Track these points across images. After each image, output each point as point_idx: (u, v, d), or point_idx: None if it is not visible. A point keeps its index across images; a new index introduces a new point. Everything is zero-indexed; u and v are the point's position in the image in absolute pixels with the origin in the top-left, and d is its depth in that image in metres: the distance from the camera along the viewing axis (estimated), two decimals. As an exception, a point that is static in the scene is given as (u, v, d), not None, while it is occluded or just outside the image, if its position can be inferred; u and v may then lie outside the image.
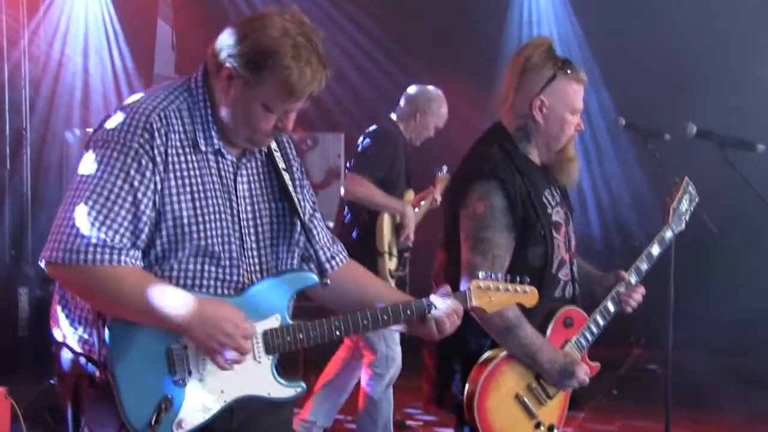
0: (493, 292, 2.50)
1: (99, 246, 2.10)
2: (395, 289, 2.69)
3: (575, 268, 3.05)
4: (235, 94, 2.21)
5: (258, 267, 2.33)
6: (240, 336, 2.18)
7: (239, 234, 2.29)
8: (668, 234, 3.19)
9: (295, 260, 2.44)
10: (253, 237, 2.33)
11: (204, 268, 2.24)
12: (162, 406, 2.13)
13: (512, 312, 2.78)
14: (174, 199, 2.20)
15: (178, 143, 2.22)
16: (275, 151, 2.41)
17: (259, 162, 2.39)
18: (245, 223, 2.31)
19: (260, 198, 2.37)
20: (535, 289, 2.60)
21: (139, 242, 2.16)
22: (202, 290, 2.24)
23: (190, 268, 2.23)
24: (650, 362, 7.30)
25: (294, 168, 2.47)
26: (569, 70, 2.93)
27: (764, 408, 6.18)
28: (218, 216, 2.26)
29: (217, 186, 2.27)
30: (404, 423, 5.60)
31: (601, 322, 3.02)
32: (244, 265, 2.29)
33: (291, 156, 2.49)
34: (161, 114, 2.20)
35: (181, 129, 2.23)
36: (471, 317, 2.81)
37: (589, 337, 2.99)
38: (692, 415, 5.50)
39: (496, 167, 2.87)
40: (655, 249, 3.14)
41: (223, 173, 2.29)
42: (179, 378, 2.17)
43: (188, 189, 2.22)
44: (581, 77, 2.96)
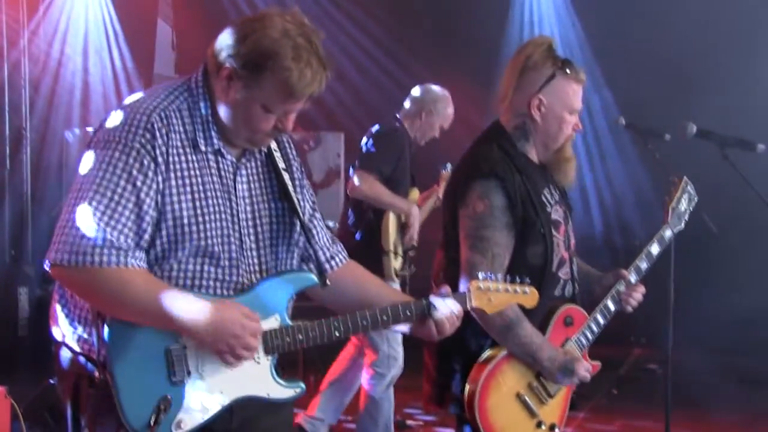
0: (493, 293, 2.50)
1: (105, 247, 2.09)
2: (395, 290, 2.69)
3: (575, 267, 3.05)
4: (235, 95, 2.21)
5: (257, 267, 2.33)
6: (248, 335, 2.18)
7: (238, 234, 2.29)
8: (667, 233, 3.19)
9: (295, 260, 2.44)
10: (253, 237, 2.33)
11: (203, 269, 2.24)
12: (161, 407, 2.13)
13: (512, 310, 2.78)
14: (174, 199, 2.19)
15: (179, 143, 2.22)
16: (275, 151, 2.41)
17: (259, 162, 2.39)
18: (244, 224, 2.31)
19: (260, 198, 2.37)
20: (535, 290, 2.59)
21: (143, 242, 2.16)
22: (202, 290, 2.23)
23: (190, 269, 2.22)
24: (650, 362, 7.29)
25: (294, 168, 2.47)
26: (568, 70, 2.93)
27: (764, 408, 6.18)
28: (218, 216, 2.25)
29: (217, 186, 2.27)
30: (404, 423, 5.60)
31: (602, 321, 3.02)
32: (244, 266, 2.29)
33: (291, 156, 2.49)
34: (162, 114, 2.20)
35: (182, 129, 2.23)
36: (471, 317, 2.81)
37: (590, 336, 2.99)
38: (692, 415, 5.49)
39: (496, 166, 2.87)
40: (655, 248, 3.14)
41: (223, 173, 2.29)
42: (178, 378, 2.16)
43: (188, 189, 2.22)
44: (580, 77, 2.96)
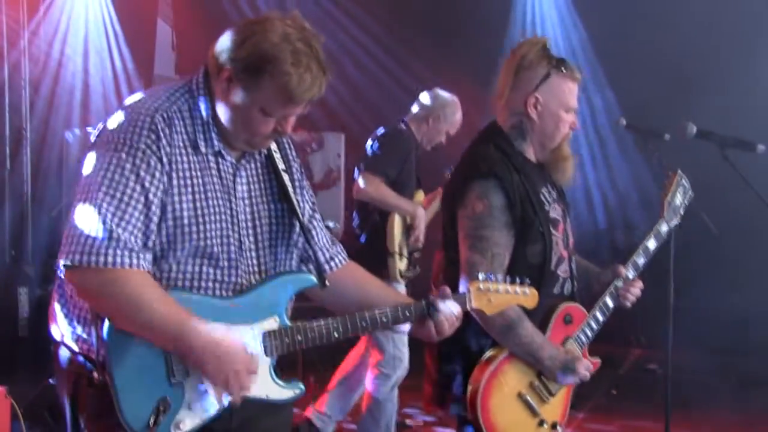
0: (493, 294, 2.50)
1: (119, 248, 2.09)
2: (395, 290, 2.69)
3: (574, 265, 3.05)
4: (234, 98, 2.21)
5: (256, 268, 2.33)
6: (245, 374, 2.17)
7: (237, 235, 2.29)
8: (664, 228, 3.19)
9: (294, 261, 2.44)
10: (252, 238, 2.33)
11: (202, 270, 2.24)
12: (160, 408, 2.13)
13: (513, 310, 2.78)
14: (176, 199, 2.19)
15: (181, 144, 2.22)
16: (275, 152, 2.41)
17: (259, 163, 2.39)
18: (243, 225, 2.31)
19: (259, 199, 2.37)
20: (535, 291, 2.59)
21: (149, 243, 2.16)
22: (201, 291, 2.24)
23: (189, 270, 2.22)
24: (650, 362, 7.29)
25: (294, 169, 2.47)
26: (564, 69, 2.94)
27: (764, 408, 6.18)
28: (218, 217, 2.25)
29: (218, 187, 2.27)
30: (404, 423, 5.60)
31: (601, 318, 3.02)
32: (243, 267, 2.29)
33: (291, 157, 2.49)
34: (164, 115, 2.20)
35: (183, 130, 2.23)
36: (471, 318, 2.81)
37: (589, 333, 2.99)
38: (692, 415, 5.49)
39: (494, 166, 2.87)
40: (652, 243, 3.15)
41: (224, 174, 2.29)
42: (177, 379, 2.16)
43: (190, 189, 2.22)
44: (576, 75, 2.97)
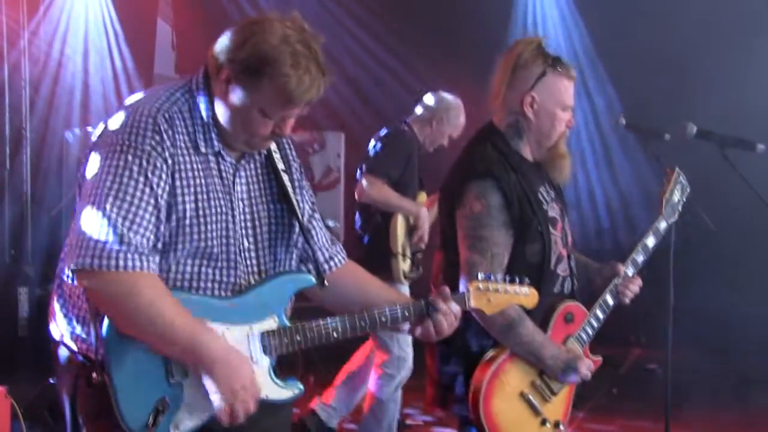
0: (492, 294, 2.50)
1: (130, 252, 2.08)
2: (394, 290, 2.68)
3: (573, 263, 3.05)
4: (233, 98, 2.20)
5: (256, 268, 2.33)
6: (253, 393, 2.18)
7: (237, 235, 2.29)
8: (662, 225, 3.20)
9: (294, 261, 2.44)
10: (251, 239, 2.33)
11: (201, 270, 2.24)
12: (159, 408, 2.13)
13: (514, 309, 2.78)
14: (179, 200, 2.19)
15: (182, 144, 2.22)
16: (275, 153, 2.41)
17: (258, 164, 2.39)
18: (242, 225, 2.31)
19: (259, 200, 2.36)
20: (535, 291, 2.59)
21: (159, 244, 2.16)
22: (200, 292, 2.23)
23: (188, 270, 2.22)
24: (650, 362, 7.30)
25: (293, 169, 2.47)
26: (559, 67, 2.94)
27: (764, 408, 6.18)
28: (219, 217, 2.25)
29: (218, 187, 2.27)
30: (404, 423, 5.60)
31: (601, 316, 3.02)
32: (242, 267, 2.29)
33: (290, 157, 2.49)
34: (166, 115, 2.20)
35: (184, 130, 2.23)
36: (472, 319, 2.81)
37: (590, 332, 2.99)
38: (692, 415, 5.49)
39: (491, 166, 2.87)
40: (650, 240, 3.15)
41: (224, 174, 2.29)
42: (176, 380, 2.16)
43: (192, 190, 2.22)
44: (571, 74, 2.97)
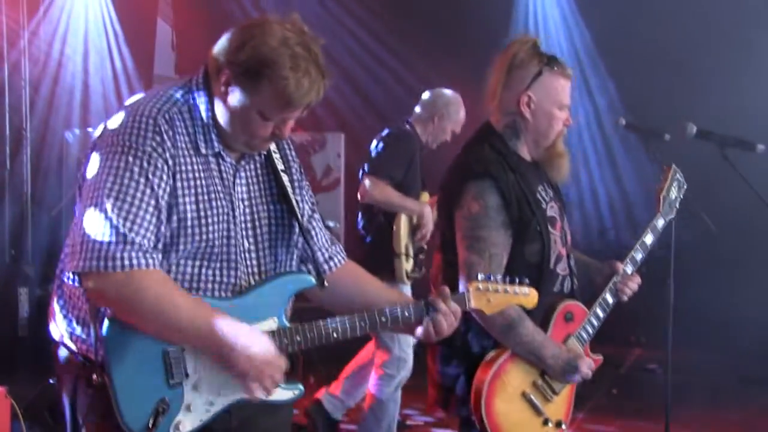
0: (492, 294, 2.49)
1: (133, 251, 2.08)
2: (394, 291, 2.68)
3: (572, 262, 3.05)
4: (233, 100, 2.20)
5: (256, 269, 2.33)
6: (277, 368, 2.18)
7: (237, 236, 2.29)
8: (660, 222, 3.19)
9: (294, 262, 2.44)
10: (251, 239, 2.33)
11: (202, 271, 2.24)
12: (159, 409, 2.13)
13: (514, 309, 2.78)
14: (180, 200, 2.19)
15: (183, 145, 2.22)
16: (274, 153, 2.41)
17: (258, 164, 2.39)
18: (243, 226, 2.31)
19: (258, 200, 2.36)
20: (535, 291, 2.58)
21: (159, 244, 2.16)
22: (200, 292, 2.23)
23: (188, 271, 2.22)
24: (650, 362, 7.30)
25: (293, 169, 2.47)
26: (555, 66, 2.93)
27: (764, 408, 6.18)
28: (220, 218, 2.25)
29: (219, 188, 2.27)
30: (404, 423, 5.60)
31: (601, 315, 3.02)
32: (242, 267, 2.29)
33: (290, 157, 2.49)
34: (166, 116, 2.20)
35: (184, 131, 2.23)
36: (473, 320, 2.81)
37: (590, 331, 2.99)
38: (692, 415, 5.49)
39: (489, 166, 2.87)
40: (649, 238, 3.15)
41: (224, 175, 2.29)
42: (176, 380, 2.16)
43: (193, 191, 2.22)
44: (567, 72, 2.96)
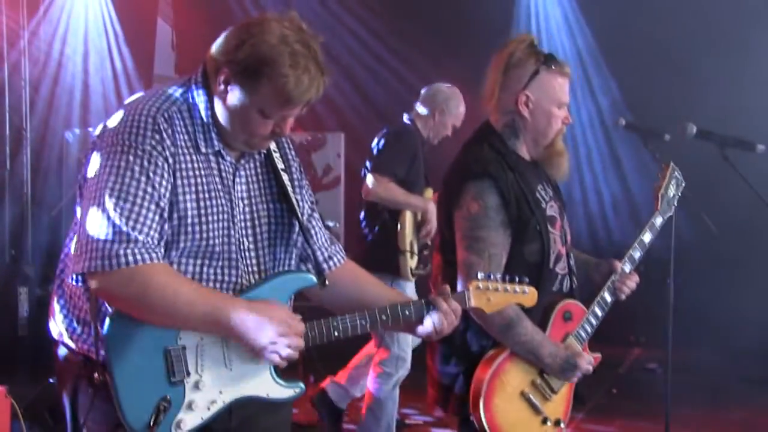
0: (492, 293, 2.49)
1: (137, 248, 2.08)
2: (394, 290, 2.68)
3: (572, 261, 3.05)
4: (233, 99, 2.20)
5: (256, 268, 2.33)
6: (293, 334, 2.20)
7: (237, 235, 2.29)
8: (658, 220, 3.19)
9: (294, 261, 2.44)
10: (251, 238, 2.33)
11: (203, 270, 2.24)
12: (160, 407, 2.13)
13: (512, 309, 2.78)
14: (180, 198, 2.19)
15: (183, 144, 2.22)
16: (274, 152, 2.41)
17: (258, 163, 2.39)
18: (242, 224, 2.31)
19: (258, 199, 2.36)
20: (534, 290, 2.58)
21: (162, 242, 2.17)
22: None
23: (189, 270, 2.22)
24: (650, 362, 7.30)
25: (293, 168, 2.47)
26: (552, 65, 2.92)
27: (764, 408, 6.18)
28: (220, 216, 2.25)
29: (219, 187, 2.27)
30: (403, 422, 5.60)
31: (600, 313, 3.02)
32: (242, 266, 2.29)
33: (290, 156, 2.49)
34: (165, 115, 2.20)
35: (184, 130, 2.23)
36: (472, 319, 2.81)
37: (589, 329, 2.99)
38: (692, 415, 5.49)
39: (488, 166, 2.87)
40: (647, 236, 3.15)
41: (224, 174, 2.29)
42: (178, 378, 2.16)
43: (193, 189, 2.22)
44: (565, 71, 2.95)
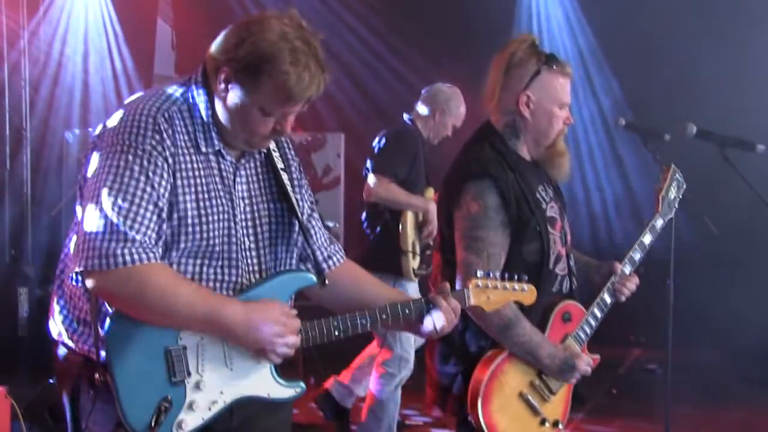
0: (491, 291, 2.48)
1: (134, 247, 2.08)
2: (393, 289, 2.68)
3: (572, 262, 3.04)
4: (233, 97, 2.20)
5: (256, 267, 2.33)
6: (289, 333, 2.21)
7: (238, 234, 2.29)
8: (659, 222, 3.19)
9: (294, 260, 2.44)
10: (252, 237, 2.33)
11: (203, 270, 2.24)
12: (161, 408, 2.13)
13: (510, 309, 2.78)
14: (180, 199, 2.19)
15: (183, 143, 2.22)
16: (274, 151, 2.41)
17: (258, 162, 2.39)
18: (243, 224, 2.31)
19: (259, 198, 2.36)
20: (534, 287, 2.58)
21: (161, 242, 2.17)
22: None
23: (189, 270, 2.22)
24: (650, 362, 7.30)
25: (292, 168, 2.47)
26: (554, 65, 2.92)
27: (764, 408, 6.18)
28: (220, 216, 2.25)
29: (219, 186, 2.27)
30: (404, 423, 5.60)
31: (599, 315, 3.02)
32: (243, 266, 2.29)
33: (289, 156, 2.49)
34: (165, 115, 2.20)
35: (184, 130, 2.23)
36: (471, 319, 2.81)
37: (588, 331, 2.99)
38: (692, 415, 5.50)
39: (488, 166, 2.87)
40: (647, 238, 3.15)
41: (224, 174, 2.29)
42: (178, 378, 2.16)
43: (193, 189, 2.22)
44: (566, 71, 2.95)
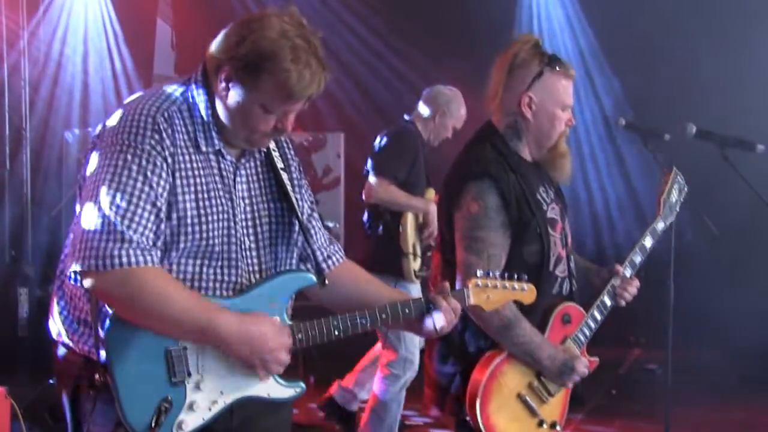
0: (491, 290, 2.48)
1: (131, 248, 2.08)
2: (393, 289, 2.68)
3: (572, 264, 3.04)
4: (234, 96, 2.20)
5: (257, 267, 2.33)
6: (281, 350, 2.21)
7: (238, 234, 2.29)
8: (660, 225, 3.19)
9: (294, 260, 2.44)
10: (252, 237, 2.33)
11: (203, 270, 2.23)
12: (162, 408, 2.12)
13: (510, 310, 2.77)
14: (180, 198, 2.19)
15: (182, 143, 2.22)
16: (273, 151, 2.41)
17: (258, 162, 2.39)
18: (243, 224, 2.31)
19: (259, 198, 2.36)
20: (533, 287, 2.58)
21: (159, 243, 2.16)
22: (201, 291, 2.23)
23: (189, 270, 2.22)
24: (650, 362, 7.30)
25: (292, 168, 2.47)
26: (557, 66, 2.91)
27: (764, 408, 6.18)
28: (220, 216, 2.25)
29: (219, 186, 2.27)
30: (403, 423, 5.60)
31: (599, 317, 3.02)
32: (243, 266, 2.29)
33: (289, 156, 2.49)
34: (165, 114, 2.20)
35: (184, 130, 2.23)
36: (470, 320, 2.81)
37: (588, 333, 2.99)
38: (692, 415, 5.49)
39: (489, 166, 2.86)
40: (648, 241, 3.14)
41: (224, 173, 2.29)
42: (179, 379, 2.16)
43: (192, 189, 2.22)
44: (569, 72, 2.94)
